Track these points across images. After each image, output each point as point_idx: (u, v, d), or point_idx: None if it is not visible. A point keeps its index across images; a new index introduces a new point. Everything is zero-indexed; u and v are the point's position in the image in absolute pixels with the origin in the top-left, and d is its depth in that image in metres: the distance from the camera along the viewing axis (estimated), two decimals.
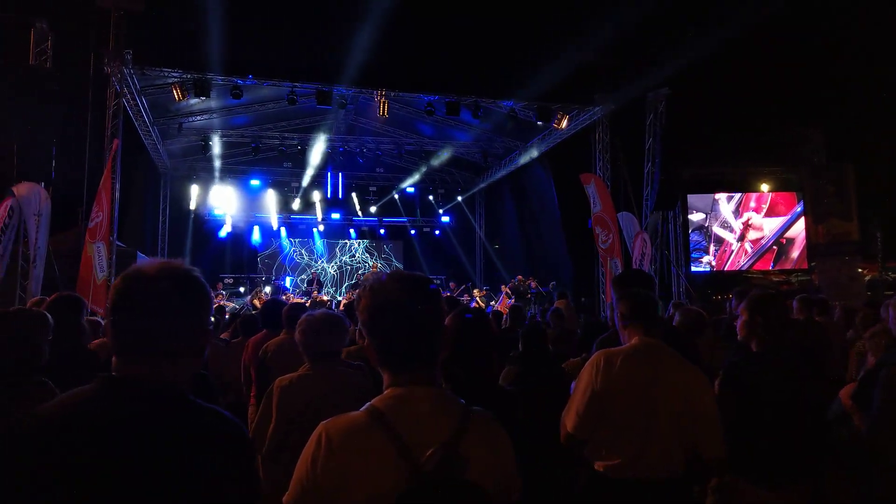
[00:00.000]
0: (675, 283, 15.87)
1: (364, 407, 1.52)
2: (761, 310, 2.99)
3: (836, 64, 16.40)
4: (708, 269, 18.02)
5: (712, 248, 18.06)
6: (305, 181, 20.14)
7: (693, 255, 17.96)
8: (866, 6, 15.96)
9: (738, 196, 18.12)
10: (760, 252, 18.13)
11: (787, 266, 18.10)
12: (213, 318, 5.28)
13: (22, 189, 10.76)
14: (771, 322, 2.96)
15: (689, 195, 17.75)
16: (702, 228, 18.10)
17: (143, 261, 1.45)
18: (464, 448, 1.47)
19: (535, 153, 17.68)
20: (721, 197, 18.15)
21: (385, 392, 1.56)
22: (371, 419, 1.48)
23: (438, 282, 20.99)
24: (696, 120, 16.24)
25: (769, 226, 18.12)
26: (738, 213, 18.15)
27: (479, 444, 1.51)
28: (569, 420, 2.71)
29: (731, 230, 18.16)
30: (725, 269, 18.01)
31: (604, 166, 14.95)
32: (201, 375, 3.08)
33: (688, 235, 17.42)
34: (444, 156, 18.86)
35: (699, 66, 14.29)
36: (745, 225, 18.07)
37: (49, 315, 2.78)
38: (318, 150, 18.16)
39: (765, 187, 18.15)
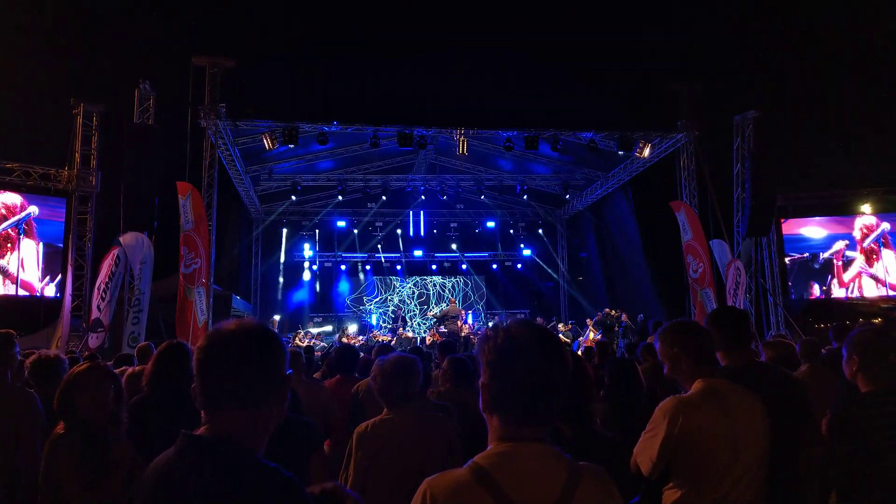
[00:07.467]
0: (774, 313, 15.08)
1: (467, 464, 1.48)
2: (859, 350, 2.77)
3: None
4: (818, 296, 16.76)
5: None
6: (388, 221, 20.66)
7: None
8: None
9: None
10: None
11: None
12: (303, 358, 5.42)
13: (128, 238, 11.51)
14: (871, 361, 2.73)
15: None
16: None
17: (220, 322, 1.57)
18: None
19: (616, 183, 17.39)
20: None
21: (489, 448, 1.50)
22: (475, 478, 1.44)
23: (522, 316, 20.80)
24: (788, 142, 15.57)
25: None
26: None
27: (590, 501, 1.46)
28: (642, 464, 2.57)
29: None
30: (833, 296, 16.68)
31: (690, 193, 14.52)
32: (303, 423, 3.12)
33: (784, 262, 16.42)
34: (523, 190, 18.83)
35: (790, 87, 13.77)
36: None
37: (114, 373, 3.11)
38: (400, 190, 18.59)
39: (866, 208, 17.05)
